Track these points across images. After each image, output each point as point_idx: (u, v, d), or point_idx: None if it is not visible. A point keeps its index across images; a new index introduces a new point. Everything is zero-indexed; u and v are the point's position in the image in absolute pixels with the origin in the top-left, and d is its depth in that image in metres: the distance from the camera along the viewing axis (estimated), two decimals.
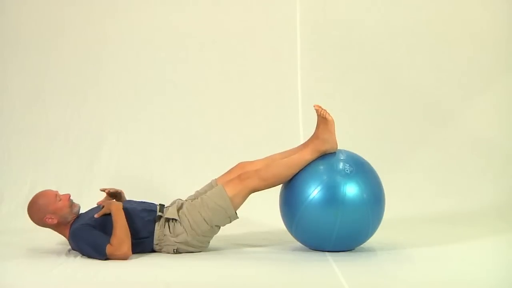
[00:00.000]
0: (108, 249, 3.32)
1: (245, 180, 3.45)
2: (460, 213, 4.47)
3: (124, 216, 3.42)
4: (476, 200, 4.61)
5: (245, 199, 3.48)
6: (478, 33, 4.94)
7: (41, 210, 3.45)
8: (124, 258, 3.34)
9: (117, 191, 3.68)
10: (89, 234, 3.38)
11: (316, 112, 3.48)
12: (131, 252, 3.37)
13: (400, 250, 3.54)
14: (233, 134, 4.81)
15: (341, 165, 3.38)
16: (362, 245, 3.57)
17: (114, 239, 3.34)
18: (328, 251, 3.45)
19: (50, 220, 3.44)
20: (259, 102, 4.91)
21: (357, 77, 4.93)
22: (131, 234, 3.41)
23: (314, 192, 3.34)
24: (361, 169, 3.43)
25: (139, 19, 4.93)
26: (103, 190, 3.67)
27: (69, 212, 3.48)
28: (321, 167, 3.42)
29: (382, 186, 3.49)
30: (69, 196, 3.51)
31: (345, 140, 4.41)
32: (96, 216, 3.44)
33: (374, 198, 3.40)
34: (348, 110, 4.86)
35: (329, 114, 3.47)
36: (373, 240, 3.67)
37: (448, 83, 4.94)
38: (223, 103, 4.91)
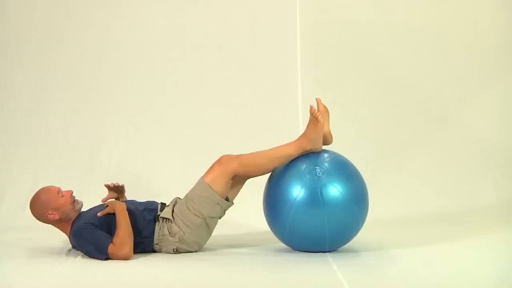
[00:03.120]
0: (110, 248, 3.33)
1: (224, 164, 3.46)
2: (460, 213, 4.47)
3: (127, 217, 3.43)
4: (476, 200, 4.61)
5: (227, 183, 3.46)
6: (478, 34, 4.94)
7: (43, 205, 3.45)
8: (125, 258, 3.34)
9: (120, 185, 3.70)
10: (91, 233, 3.38)
11: (310, 111, 3.49)
12: (132, 253, 3.38)
13: (400, 250, 3.54)
14: (233, 134, 4.81)
15: (313, 168, 3.39)
16: (362, 245, 3.57)
17: (117, 239, 3.35)
18: (327, 252, 3.45)
19: (51, 216, 3.44)
20: (259, 102, 4.91)
21: (357, 77, 4.94)
22: (134, 233, 3.42)
23: (299, 193, 3.36)
24: (337, 168, 3.43)
25: (139, 20, 4.93)
26: (107, 186, 3.68)
27: (71, 209, 3.48)
28: (298, 169, 3.43)
29: (362, 181, 3.47)
30: (72, 193, 3.51)
31: (345, 139, 4.41)
32: (99, 214, 3.44)
33: (353, 193, 3.39)
34: (348, 110, 4.86)
35: (321, 116, 3.47)
36: (373, 240, 3.68)
37: (448, 83, 4.94)
38: (223, 103, 4.91)
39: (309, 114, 3.50)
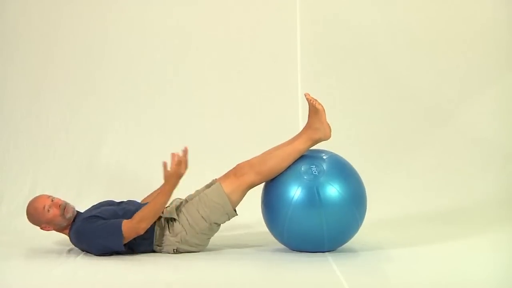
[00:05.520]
0: (126, 224, 3.34)
1: (241, 177, 3.46)
2: (460, 212, 4.47)
3: (168, 198, 3.42)
4: (476, 200, 4.61)
5: (243, 195, 3.49)
6: (477, 33, 4.94)
7: (35, 220, 3.51)
8: (137, 233, 3.35)
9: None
10: (95, 224, 3.39)
11: (307, 101, 3.50)
12: (143, 232, 3.37)
13: (400, 249, 3.54)
14: (233, 134, 4.81)
15: (309, 168, 3.39)
16: (361, 245, 3.57)
17: (140, 213, 3.36)
18: (327, 251, 3.45)
19: (46, 228, 3.51)
20: (259, 102, 4.91)
21: (356, 77, 4.93)
22: None
23: (295, 193, 3.35)
24: (334, 168, 3.42)
25: (139, 19, 4.93)
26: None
27: (62, 220, 3.49)
28: (295, 169, 3.42)
29: (360, 181, 3.47)
30: (59, 204, 3.49)
31: (345, 140, 4.42)
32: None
33: (351, 193, 3.38)
34: (348, 110, 4.86)
35: (319, 103, 3.48)
36: (373, 240, 3.68)
37: (447, 83, 4.94)
38: (223, 103, 4.91)
39: (308, 104, 3.50)
